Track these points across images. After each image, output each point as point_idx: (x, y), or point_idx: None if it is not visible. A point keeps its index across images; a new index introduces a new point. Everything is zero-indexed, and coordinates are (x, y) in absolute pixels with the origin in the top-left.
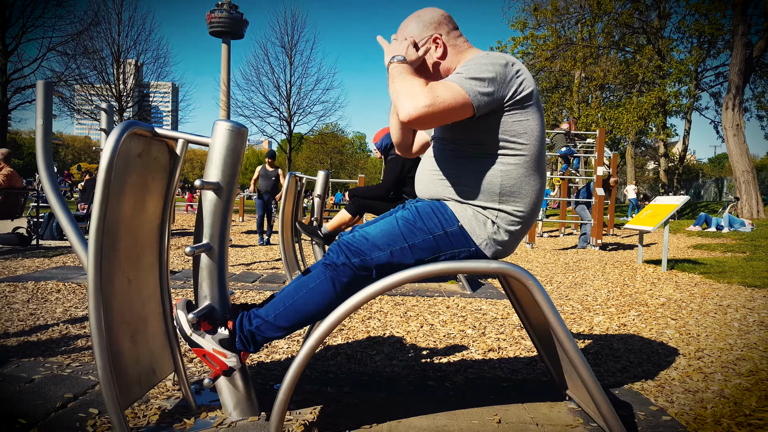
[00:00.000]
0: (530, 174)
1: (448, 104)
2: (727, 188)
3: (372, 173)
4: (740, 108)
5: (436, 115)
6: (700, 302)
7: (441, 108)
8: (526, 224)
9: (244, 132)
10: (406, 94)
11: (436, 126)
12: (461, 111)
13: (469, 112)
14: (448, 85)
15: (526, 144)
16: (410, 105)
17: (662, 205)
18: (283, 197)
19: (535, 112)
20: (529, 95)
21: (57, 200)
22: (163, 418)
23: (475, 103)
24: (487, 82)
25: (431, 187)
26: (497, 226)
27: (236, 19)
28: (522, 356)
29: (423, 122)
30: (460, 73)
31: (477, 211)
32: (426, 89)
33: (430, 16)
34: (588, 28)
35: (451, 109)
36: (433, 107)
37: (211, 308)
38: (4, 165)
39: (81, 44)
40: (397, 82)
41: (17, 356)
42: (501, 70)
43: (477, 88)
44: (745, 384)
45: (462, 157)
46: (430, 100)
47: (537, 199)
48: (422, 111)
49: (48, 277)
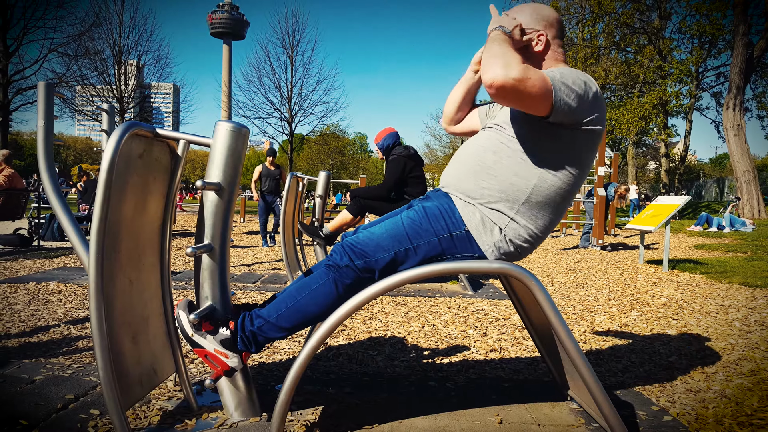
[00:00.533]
0: (557, 201)
1: (534, 90)
2: (728, 188)
3: (373, 174)
4: (741, 108)
5: (518, 93)
6: (701, 302)
7: (526, 89)
8: (531, 245)
9: (246, 132)
10: (502, 60)
11: (510, 104)
12: (539, 105)
13: (545, 110)
14: (543, 75)
15: (572, 174)
16: (501, 71)
17: (663, 205)
18: (284, 198)
19: (591, 152)
20: (598, 133)
21: (58, 201)
22: (165, 418)
23: (555, 106)
24: (575, 95)
25: (461, 172)
26: (504, 235)
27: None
28: (523, 356)
29: (503, 92)
30: (555, 74)
31: (486, 217)
32: (522, 66)
33: (546, 13)
34: (589, 29)
35: (533, 97)
36: (520, 83)
37: (213, 309)
38: (5, 166)
39: (82, 45)
40: (496, 47)
41: (18, 357)
42: (591, 94)
43: (564, 94)
44: (746, 384)
45: (509, 153)
46: (522, 75)
47: (550, 226)
48: (509, 81)
49: (49, 278)
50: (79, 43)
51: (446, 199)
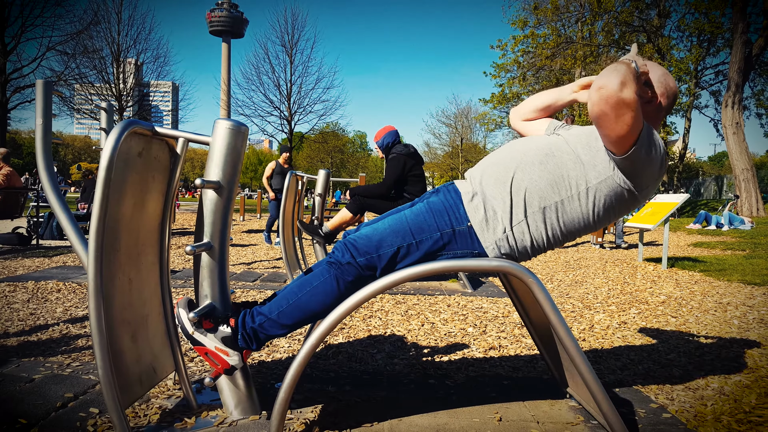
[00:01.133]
0: (568, 230)
1: (629, 122)
2: (727, 186)
3: (373, 172)
4: (740, 106)
5: (616, 114)
6: (700, 300)
7: (624, 117)
8: (532, 251)
9: (245, 131)
10: (623, 78)
11: (598, 120)
12: (622, 139)
13: (622, 149)
14: (642, 120)
15: (593, 213)
16: (616, 85)
17: (662, 203)
18: (284, 196)
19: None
20: (636, 198)
21: (57, 200)
22: (164, 417)
23: (632, 152)
24: (652, 156)
25: (499, 163)
26: (507, 236)
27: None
28: (523, 354)
29: (605, 104)
30: (652, 130)
31: (492, 214)
32: (636, 96)
33: (672, 84)
34: (588, 27)
35: (623, 130)
36: (624, 107)
37: (213, 307)
38: (3, 165)
39: (81, 43)
40: (624, 69)
41: (17, 356)
42: (660, 163)
43: (645, 149)
44: (744, 381)
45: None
46: (630, 102)
47: (548, 248)
48: (616, 98)
49: (48, 276)
50: (78, 41)
51: (454, 195)
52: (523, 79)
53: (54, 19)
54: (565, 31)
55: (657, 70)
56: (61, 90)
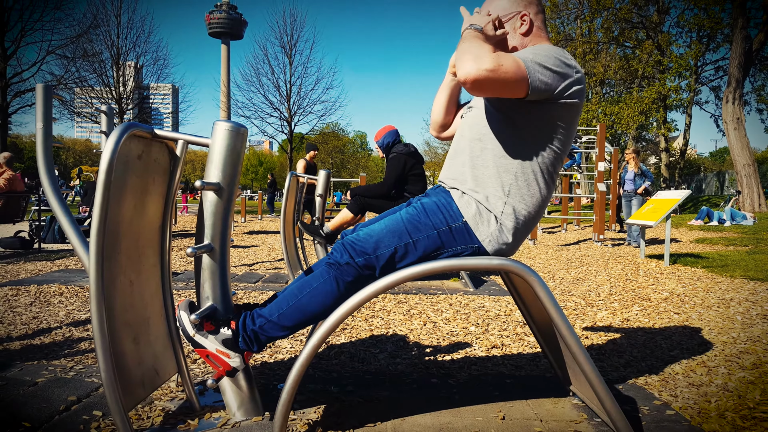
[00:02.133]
0: (544, 178)
1: (509, 76)
2: (729, 182)
3: (374, 172)
4: (740, 101)
5: (494, 82)
6: (702, 296)
7: (501, 77)
8: (528, 225)
9: (244, 132)
10: (471, 54)
11: (489, 95)
12: (516, 88)
13: (522, 92)
14: (515, 59)
15: (554, 148)
16: (473, 65)
17: (664, 199)
18: (284, 197)
19: (571, 125)
20: (576, 105)
21: (58, 203)
22: (167, 419)
23: (531, 86)
24: (550, 72)
25: (455, 166)
26: (500, 224)
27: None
28: (525, 353)
29: (480, 85)
30: (527, 55)
31: (482, 207)
32: (493, 55)
33: None
34: (587, 24)
35: (509, 82)
36: (494, 73)
37: (214, 309)
38: (6, 169)
39: (80, 47)
40: (465, 43)
41: (21, 360)
42: (565, 68)
43: (539, 73)
44: (748, 377)
45: (490, 137)
46: (494, 65)
47: (542, 203)
48: (483, 74)
49: (50, 280)
50: (77, 44)
51: (444, 194)
52: None
53: (53, 23)
54: (565, 29)
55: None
56: (61, 94)
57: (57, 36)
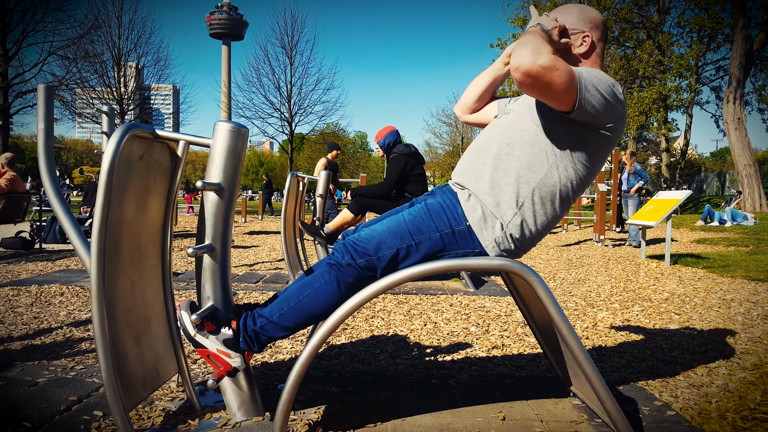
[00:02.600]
0: (561, 199)
1: (559, 82)
2: (730, 182)
3: (374, 172)
4: (741, 101)
5: (543, 81)
6: (703, 297)
7: (552, 80)
8: (533, 240)
9: (245, 132)
10: (533, 47)
11: (534, 93)
12: (562, 98)
13: (567, 105)
14: (571, 70)
15: (580, 174)
16: (529, 57)
17: (664, 200)
18: (285, 197)
19: (603, 156)
20: (612, 140)
21: (59, 203)
22: (168, 419)
23: (579, 103)
24: (601, 98)
25: (474, 164)
26: (505, 232)
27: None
28: (526, 353)
29: (528, 78)
30: (583, 72)
31: (489, 211)
32: (552, 56)
33: (594, 15)
34: None
35: (558, 89)
36: (547, 72)
37: (215, 309)
38: (7, 169)
39: (82, 48)
40: (528, 37)
41: (21, 360)
42: (615, 101)
43: (589, 95)
44: (749, 378)
45: (521, 143)
46: (550, 64)
47: (552, 222)
48: (536, 68)
49: (51, 280)
50: (79, 45)
51: (450, 195)
52: None
53: (55, 24)
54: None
55: (572, 12)
56: (62, 94)
57: (58, 37)
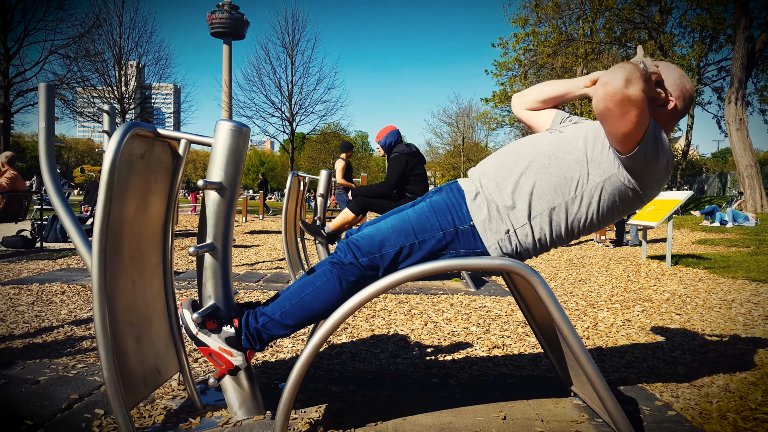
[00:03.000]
0: (573, 228)
1: (634, 120)
2: (731, 183)
3: (375, 172)
4: (743, 102)
5: (621, 110)
6: (704, 297)
7: (629, 114)
8: (529, 254)
9: (247, 132)
10: (628, 76)
11: (603, 116)
12: (628, 137)
13: (627, 147)
14: (648, 118)
15: (599, 214)
16: (621, 82)
17: (665, 200)
18: (286, 197)
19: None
20: (641, 197)
21: (60, 202)
22: (169, 417)
23: (637, 150)
24: (657, 155)
25: (507, 162)
26: (509, 237)
27: (237, 20)
28: (526, 353)
29: (609, 100)
30: (656, 128)
31: (497, 213)
32: (642, 94)
33: (688, 86)
34: (589, 24)
35: (628, 125)
36: (630, 104)
37: (216, 307)
38: (8, 168)
39: (83, 47)
40: (629, 66)
41: (23, 358)
42: (666, 165)
43: (650, 147)
44: (750, 378)
45: (559, 165)
46: (636, 98)
47: (555, 244)
48: (620, 94)
49: (52, 279)
50: (80, 44)
51: (456, 194)
52: (524, 78)
53: (56, 22)
54: (567, 29)
55: (673, 73)
56: (63, 93)
57: (59, 36)
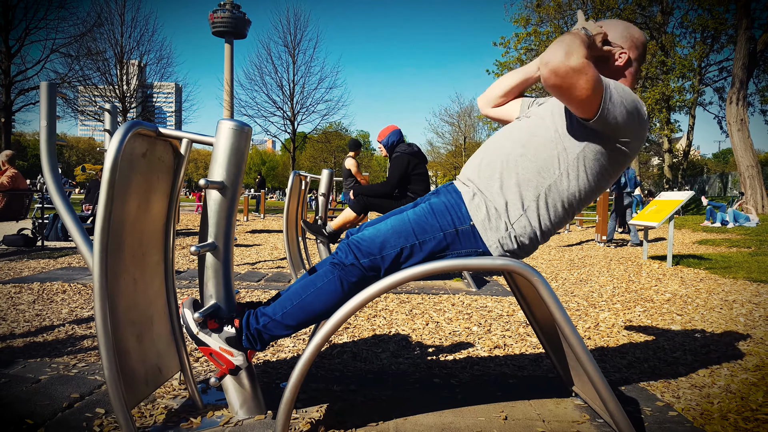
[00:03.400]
0: (569, 205)
1: (585, 87)
2: (732, 183)
3: (376, 171)
4: (744, 102)
5: (569, 82)
6: (705, 298)
7: (578, 83)
8: (535, 244)
9: (248, 131)
10: (567, 47)
11: (558, 93)
12: (586, 104)
13: (589, 112)
14: (599, 79)
15: (591, 183)
16: (561, 56)
17: (667, 200)
18: (287, 196)
19: (617, 169)
20: (628, 155)
21: (62, 201)
22: (170, 417)
23: (601, 113)
24: (625, 112)
25: (486, 162)
26: (509, 233)
27: (239, 19)
28: (528, 353)
29: (555, 76)
30: (611, 83)
31: (494, 211)
32: (585, 61)
33: (637, 35)
34: None
35: (582, 94)
36: (575, 74)
37: (217, 307)
38: (8, 167)
39: (84, 45)
40: (567, 37)
41: (23, 357)
42: (638, 118)
43: (613, 106)
44: (751, 379)
45: (536, 146)
46: (580, 68)
47: (556, 227)
48: (564, 68)
49: (53, 278)
50: (81, 43)
51: (454, 194)
52: None
53: (57, 21)
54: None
55: (617, 26)
56: (65, 92)
57: (61, 34)
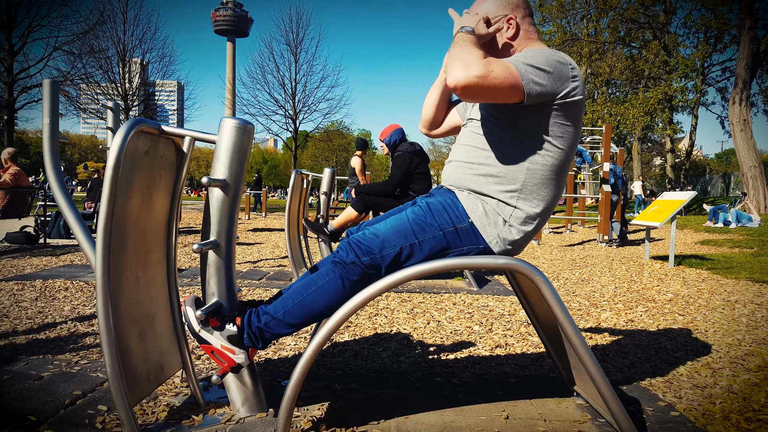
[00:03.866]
0: (553, 178)
1: (499, 82)
2: (734, 184)
3: (378, 170)
4: (747, 103)
5: (485, 88)
6: (707, 298)
7: (492, 83)
8: (536, 226)
9: (251, 129)
10: (462, 61)
11: (481, 101)
12: (510, 93)
13: (518, 97)
14: (506, 65)
15: (561, 149)
16: (462, 72)
17: (669, 200)
18: (289, 195)
19: (574, 123)
20: (578, 103)
21: (64, 199)
22: (172, 414)
23: (526, 90)
24: (544, 73)
25: (457, 171)
26: (509, 225)
27: (241, 18)
28: (529, 352)
29: (469, 92)
30: (519, 58)
31: (489, 208)
32: (483, 61)
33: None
34: (593, 24)
35: (501, 88)
36: (484, 80)
37: (219, 305)
38: (11, 164)
39: (87, 43)
40: (456, 48)
41: (26, 354)
42: (560, 67)
43: (532, 75)
44: (753, 379)
45: (495, 144)
46: (484, 72)
47: (552, 203)
48: (472, 80)
49: (56, 275)
50: (84, 41)
51: (449, 194)
52: None
53: (60, 19)
54: (571, 28)
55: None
56: (67, 90)
57: (64, 32)
